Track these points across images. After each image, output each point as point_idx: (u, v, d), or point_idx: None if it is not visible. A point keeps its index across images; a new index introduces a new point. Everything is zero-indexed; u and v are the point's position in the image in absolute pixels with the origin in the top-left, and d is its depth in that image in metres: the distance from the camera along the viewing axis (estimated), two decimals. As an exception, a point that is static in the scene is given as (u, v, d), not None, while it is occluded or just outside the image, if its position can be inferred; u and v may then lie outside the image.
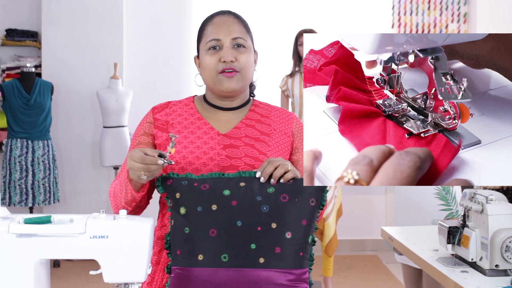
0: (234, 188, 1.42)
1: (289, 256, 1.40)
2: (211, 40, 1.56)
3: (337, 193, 4.08)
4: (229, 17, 1.61)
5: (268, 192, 1.42)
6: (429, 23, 5.40)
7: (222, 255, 1.38)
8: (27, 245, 1.24)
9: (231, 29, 1.57)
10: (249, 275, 1.38)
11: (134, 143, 1.63)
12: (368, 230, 5.43)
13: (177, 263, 1.42)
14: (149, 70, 5.15)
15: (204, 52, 1.58)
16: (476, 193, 1.84)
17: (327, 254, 4.07)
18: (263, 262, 1.38)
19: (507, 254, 1.71)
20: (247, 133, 1.60)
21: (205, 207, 1.40)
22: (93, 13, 5.03)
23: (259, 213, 1.40)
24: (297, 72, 4.17)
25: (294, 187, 1.43)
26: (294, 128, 1.66)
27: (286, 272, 1.39)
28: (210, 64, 1.56)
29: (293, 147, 1.65)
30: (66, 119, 5.08)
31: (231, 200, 1.41)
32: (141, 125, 1.64)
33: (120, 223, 1.27)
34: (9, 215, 1.28)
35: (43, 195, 4.66)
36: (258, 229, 1.39)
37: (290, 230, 1.40)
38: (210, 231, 1.39)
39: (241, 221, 1.39)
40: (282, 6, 5.38)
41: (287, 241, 1.40)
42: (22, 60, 5.00)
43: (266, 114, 1.66)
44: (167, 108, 1.65)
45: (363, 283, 4.45)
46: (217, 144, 1.57)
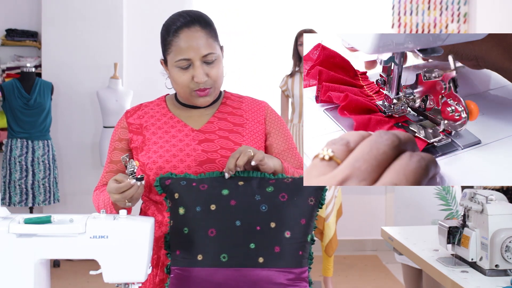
0: (232, 187, 1.42)
1: (289, 255, 1.40)
2: (180, 59, 1.53)
3: (337, 193, 4.08)
4: (196, 30, 1.54)
5: (267, 191, 1.42)
6: (429, 23, 5.40)
7: (221, 255, 1.38)
8: (27, 245, 1.24)
9: (199, 46, 1.53)
10: (249, 274, 1.38)
11: (110, 148, 1.67)
12: (368, 230, 5.43)
13: (177, 264, 1.42)
14: (149, 70, 5.15)
15: (173, 67, 1.56)
16: (476, 193, 1.83)
17: (327, 254, 4.07)
18: (262, 261, 1.38)
19: (507, 254, 1.71)
20: (221, 126, 1.62)
21: (204, 207, 1.40)
22: (93, 13, 5.03)
23: (258, 212, 1.40)
24: (297, 72, 4.17)
25: (293, 186, 1.43)
26: (267, 114, 1.68)
27: (286, 271, 1.39)
28: (183, 82, 1.56)
29: (266, 133, 1.66)
30: (66, 119, 5.07)
31: (230, 199, 1.41)
32: (116, 131, 1.67)
33: (120, 223, 1.27)
34: (9, 215, 1.28)
35: (43, 195, 4.66)
36: (257, 229, 1.39)
37: (289, 229, 1.40)
38: (209, 231, 1.39)
39: (240, 220, 1.39)
40: (282, 6, 5.38)
41: (286, 241, 1.40)
42: (22, 60, 5.00)
43: (238, 106, 1.68)
44: (139, 110, 1.67)
45: (363, 283, 4.45)
46: (192, 140, 1.59)
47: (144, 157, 1.58)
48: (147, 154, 1.58)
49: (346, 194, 5.18)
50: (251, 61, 5.30)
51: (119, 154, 1.64)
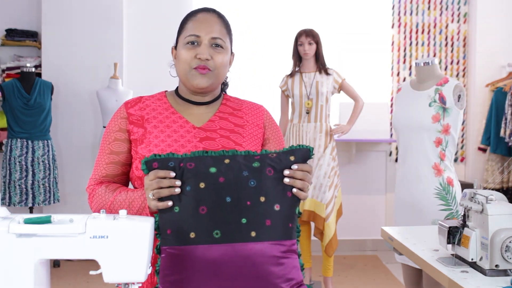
0: (219, 165, 1.43)
1: (280, 227, 1.43)
2: (190, 35, 1.60)
3: (337, 193, 4.08)
4: (212, 16, 1.63)
5: (254, 166, 1.44)
6: (429, 23, 5.40)
7: (214, 232, 1.39)
8: (27, 245, 1.24)
9: (212, 28, 1.60)
10: (242, 249, 1.39)
11: (110, 138, 1.63)
12: (368, 230, 5.43)
13: (168, 243, 1.41)
14: (149, 70, 5.15)
15: (182, 46, 1.62)
16: (476, 193, 1.83)
17: (327, 254, 4.07)
18: (254, 235, 1.40)
19: (507, 254, 1.70)
20: (222, 126, 1.63)
21: (193, 185, 1.41)
22: (93, 13, 5.04)
23: (247, 188, 1.41)
24: (297, 72, 4.16)
25: (278, 161, 1.45)
26: (265, 120, 1.71)
27: (278, 244, 1.41)
28: (186, 59, 1.60)
29: (265, 138, 1.69)
30: (66, 119, 5.08)
31: (218, 177, 1.42)
32: (114, 121, 1.64)
33: (120, 223, 1.27)
34: (9, 215, 1.28)
35: (43, 195, 4.66)
36: (248, 204, 1.41)
37: (278, 202, 1.43)
38: (200, 209, 1.40)
39: (230, 197, 1.41)
40: (282, 6, 5.39)
41: (276, 214, 1.42)
42: (22, 60, 5.00)
43: (238, 107, 1.70)
44: (140, 102, 1.66)
45: (363, 283, 4.45)
46: (193, 137, 1.60)
47: (144, 150, 1.57)
48: (148, 147, 1.57)
49: (346, 194, 5.19)
50: (251, 61, 5.31)
51: (121, 144, 1.62)
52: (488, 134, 5.12)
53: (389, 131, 5.27)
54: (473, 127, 5.36)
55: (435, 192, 2.80)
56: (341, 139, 4.90)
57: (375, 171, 5.46)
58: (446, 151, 2.80)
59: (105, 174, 1.62)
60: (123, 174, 1.64)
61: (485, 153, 5.22)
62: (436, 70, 2.89)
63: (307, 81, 4.08)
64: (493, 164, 5.10)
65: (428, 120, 2.78)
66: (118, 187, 1.58)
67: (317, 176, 4.00)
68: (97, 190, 1.59)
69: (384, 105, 5.31)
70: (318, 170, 4.00)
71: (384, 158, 5.47)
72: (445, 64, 5.41)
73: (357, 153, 5.42)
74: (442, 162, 2.81)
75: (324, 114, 4.09)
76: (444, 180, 2.80)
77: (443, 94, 2.78)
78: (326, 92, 4.06)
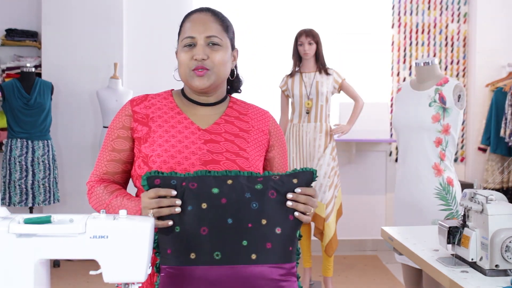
0: (221, 186, 1.43)
1: (280, 251, 1.42)
2: (186, 37, 1.60)
3: (337, 193, 4.08)
4: (206, 15, 1.63)
5: (256, 188, 1.43)
6: (429, 23, 5.40)
7: (214, 253, 1.39)
8: (27, 245, 1.24)
9: (206, 27, 1.60)
10: (242, 271, 1.39)
11: (112, 136, 1.62)
12: (368, 230, 5.43)
13: (168, 262, 1.41)
14: (149, 70, 5.15)
15: (181, 49, 1.62)
16: (476, 193, 1.83)
17: (327, 254, 4.07)
18: (255, 258, 1.40)
19: (507, 254, 1.70)
20: (227, 129, 1.63)
21: (195, 206, 1.40)
22: (93, 13, 5.03)
23: (249, 210, 1.41)
24: (297, 72, 4.16)
25: (281, 183, 1.45)
26: (271, 126, 1.70)
27: (278, 267, 1.41)
28: (184, 61, 1.60)
29: (270, 145, 1.68)
30: (66, 119, 5.08)
31: (221, 198, 1.41)
32: (119, 118, 1.63)
33: (120, 223, 1.27)
34: (9, 215, 1.27)
35: (43, 195, 4.66)
36: (249, 226, 1.41)
37: (279, 225, 1.42)
38: (201, 230, 1.40)
39: (232, 218, 1.40)
40: (282, 6, 5.39)
41: (277, 237, 1.42)
42: (22, 60, 5.00)
43: (244, 112, 1.69)
44: (145, 101, 1.65)
45: (363, 283, 4.45)
46: (198, 138, 1.59)
47: (147, 149, 1.56)
48: (151, 146, 1.56)
49: (346, 194, 5.19)
50: (251, 61, 5.31)
51: (123, 142, 1.61)
52: (488, 134, 5.12)
53: (389, 131, 5.27)
54: (473, 127, 5.36)
55: (435, 192, 2.80)
56: (341, 139, 4.90)
57: (375, 171, 5.46)
58: (446, 151, 2.80)
59: (105, 171, 1.62)
60: (123, 172, 1.64)
61: (485, 153, 5.22)
62: (436, 70, 2.89)
63: (307, 81, 4.08)
64: (493, 164, 5.10)
65: (428, 120, 2.78)
66: (115, 190, 1.58)
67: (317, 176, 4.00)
68: (96, 188, 1.59)
69: (384, 105, 5.31)
70: (318, 170, 4.00)
71: (384, 158, 5.47)
72: (445, 64, 5.41)
73: (357, 153, 5.42)
74: (442, 162, 2.81)
75: (324, 114, 4.08)
76: (444, 180, 2.80)
77: (443, 94, 2.78)
78: (326, 92, 4.06)
